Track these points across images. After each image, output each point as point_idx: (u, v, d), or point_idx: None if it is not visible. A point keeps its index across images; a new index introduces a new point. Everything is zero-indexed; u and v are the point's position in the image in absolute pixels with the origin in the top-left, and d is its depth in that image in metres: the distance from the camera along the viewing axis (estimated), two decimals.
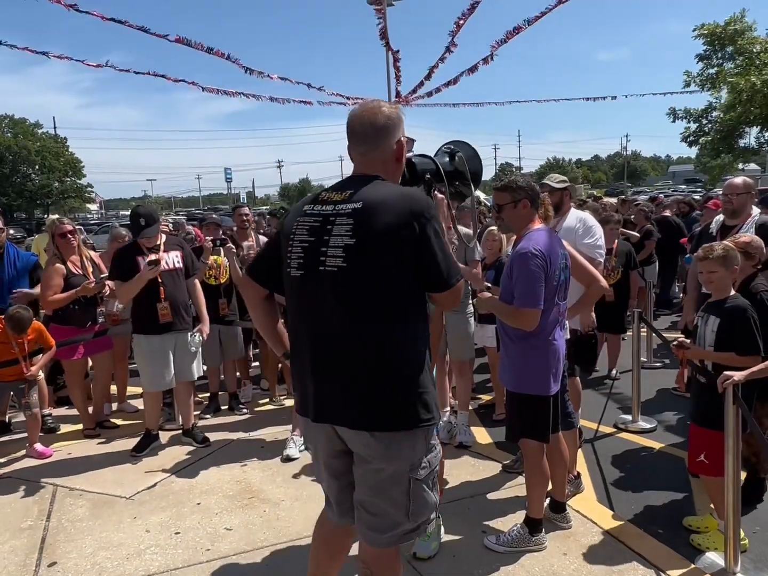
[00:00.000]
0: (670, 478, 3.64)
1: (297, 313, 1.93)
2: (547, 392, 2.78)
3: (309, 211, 1.90)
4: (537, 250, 2.66)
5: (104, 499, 3.63)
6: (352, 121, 1.93)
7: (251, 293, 2.07)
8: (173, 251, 4.35)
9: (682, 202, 10.25)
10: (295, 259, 1.87)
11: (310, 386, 1.89)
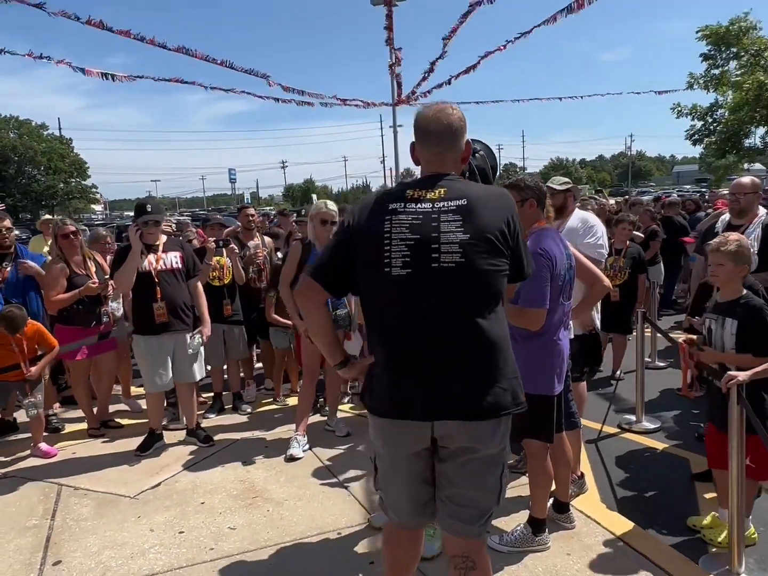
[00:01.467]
0: (674, 479, 3.64)
1: (398, 313, 1.85)
2: (551, 392, 2.78)
3: (401, 210, 1.86)
4: (543, 250, 2.66)
5: (109, 498, 3.64)
6: (426, 122, 1.95)
7: (316, 298, 1.96)
8: (173, 252, 4.34)
9: (688, 200, 10.23)
10: (399, 257, 1.81)
11: (414, 386, 1.83)
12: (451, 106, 1.97)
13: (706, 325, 3.00)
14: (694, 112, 20.83)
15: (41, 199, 44.93)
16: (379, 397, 1.93)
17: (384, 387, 1.90)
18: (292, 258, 4.27)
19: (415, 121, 2.00)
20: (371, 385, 1.96)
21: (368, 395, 1.99)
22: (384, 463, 2.03)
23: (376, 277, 1.86)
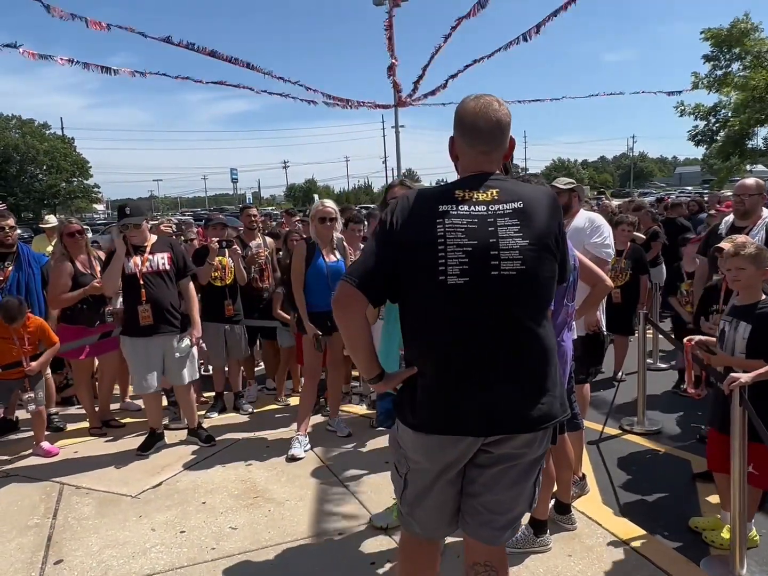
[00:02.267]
0: (676, 480, 3.63)
1: (453, 322, 1.73)
2: None
3: (454, 212, 1.74)
4: None
5: (110, 497, 3.65)
6: (473, 117, 1.80)
7: (358, 308, 1.77)
8: (160, 253, 4.30)
9: (692, 202, 10.21)
10: (456, 265, 1.70)
11: (470, 399, 1.74)
12: (497, 99, 1.84)
13: (720, 326, 2.98)
14: (697, 112, 20.84)
15: (43, 199, 45.00)
16: (427, 413, 1.79)
17: (434, 401, 1.78)
18: (298, 258, 4.28)
19: (458, 114, 1.84)
20: (413, 400, 1.81)
21: (409, 411, 1.82)
22: (421, 479, 1.89)
23: (427, 285, 1.73)
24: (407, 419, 1.84)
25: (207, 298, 5.10)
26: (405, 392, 1.87)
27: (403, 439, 1.89)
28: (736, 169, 23.35)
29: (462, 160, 1.89)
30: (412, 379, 1.83)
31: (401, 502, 2.00)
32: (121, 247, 4.13)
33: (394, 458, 1.99)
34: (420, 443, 1.83)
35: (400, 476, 1.96)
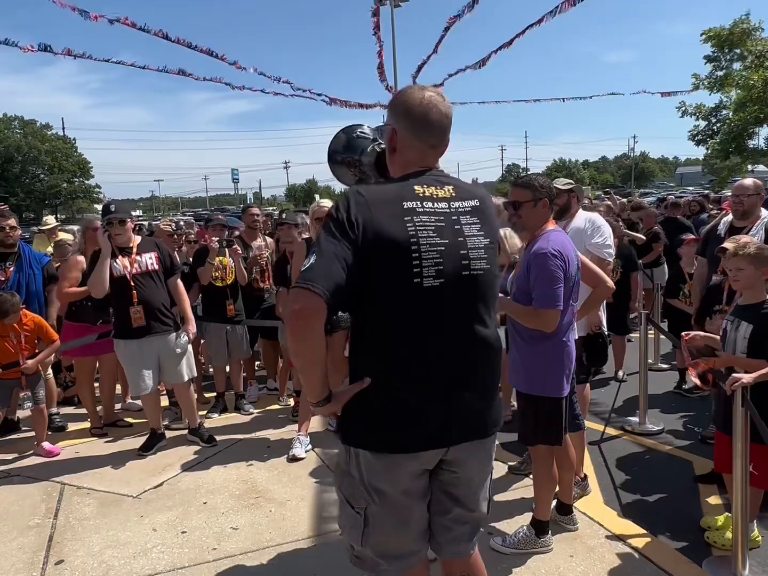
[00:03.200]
0: (678, 481, 3.62)
1: (425, 327, 1.64)
2: (560, 394, 2.76)
3: (420, 209, 1.64)
4: (556, 251, 2.64)
5: (111, 497, 3.65)
6: (423, 109, 1.69)
7: (318, 319, 1.54)
8: (147, 253, 4.28)
9: (693, 202, 10.18)
10: (431, 266, 1.61)
11: (438, 409, 1.66)
12: (438, 92, 1.75)
13: (723, 326, 2.98)
14: (699, 112, 20.83)
15: (44, 199, 45.10)
16: (391, 430, 1.65)
17: (405, 415, 1.64)
18: (298, 256, 4.27)
19: (405, 104, 1.72)
20: (370, 417, 1.66)
21: (365, 430, 1.67)
22: (387, 505, 1.71)
23: (401, 288, 1.61)
24: (369, 441, 1.67)
25: (208, 298, 5.11)
26: (360, 411, 1.67)
27: (362, 466, 1.70)
28: (737, 169, 23.33)
29: (406, 154, 1.75)
30: (365, 395, 1.66)
31: (361, 545, 1.75)
32: (107, 247, 4.09)
33: (343, 494, 1.78)
34: (382, 466, 1.67)
35: (356, 513, 1.73)
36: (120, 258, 4.17)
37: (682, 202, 9.95)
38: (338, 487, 1.82)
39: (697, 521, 3.14)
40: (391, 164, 1.82)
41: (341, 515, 1.85)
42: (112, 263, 4.12)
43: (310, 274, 1.54)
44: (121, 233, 4.17)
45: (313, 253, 1.57)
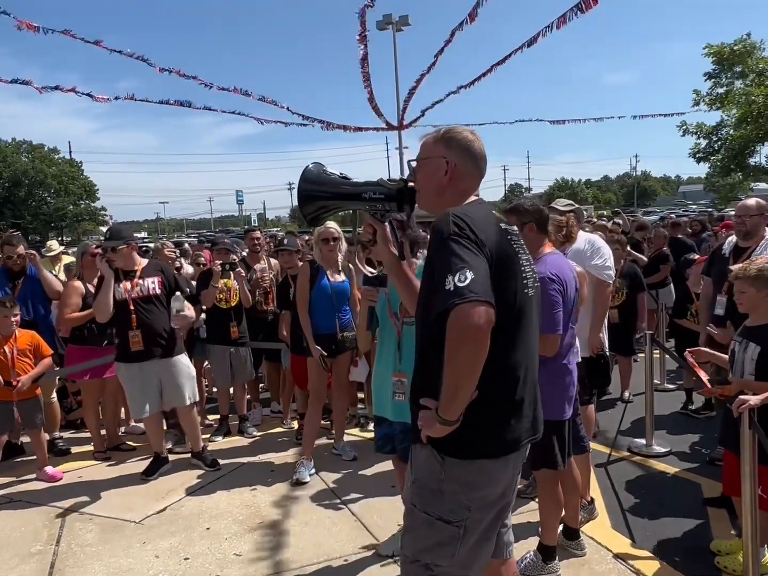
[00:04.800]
0: (686, 504, 3.57)
1: (520, 337, 1.79)
2: (562, 416, 2.75)
3: (509, 229, 1.87)
4: (554, 275, 2.65)
5: (114, 523, 3.62)
6: (480, 148, 1.93)
7: (490, 328, 1.58)
8: (150, 277, 4.29)
9: (694, 221, 10.20)
10: (530, 277, 1.86)
11: (529, 405, 1.84)
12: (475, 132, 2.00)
13: (731, 347, 2.98)
14: (699, 131, 20.94)
15: (51, 221, 45.46)
16: (510, 431, 1.77)
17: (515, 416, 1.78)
18: (302, 280, 4.28)
19: (464, 142, 1.90)
20: (492, 426, 1.75)
21: (486, 439, 1.74)
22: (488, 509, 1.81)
23: (517, 297, 1.77)
24: (490, 449, 1.75)
25: (212, 320, 5.12)
26: (477, 422, 1.71)
27: (468, 478, 1.75)
28: (739, 186, 23.38)
29: (464, 184, 1.91)
30: (483, 405, 1.71)
31: (454, 558, 1.78)
32: (108, 273, 4.12)
33: (432, 513, 1.77)
34: (499, 468, 1.79)
35: (455, 527, 1.76)
36: (122, 282, 4.20)
37: (683, 222, 9.97)
38: (422, 509, 1.79)
39: (707, 545, 3.09)
40: (440, 194, 1.91)
41: (421, 537, 1.80)
42: (114, 287, 4.14)
43: (478, 287, 1.58)
44: (116, 259, 4.20)
45: (464, 268, 1.59)
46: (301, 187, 2.07)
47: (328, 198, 2.09)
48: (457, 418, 1.65)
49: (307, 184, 2.07)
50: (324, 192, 2.07)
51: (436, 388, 1.66)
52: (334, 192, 2.07)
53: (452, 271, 1.59)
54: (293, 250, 5.19)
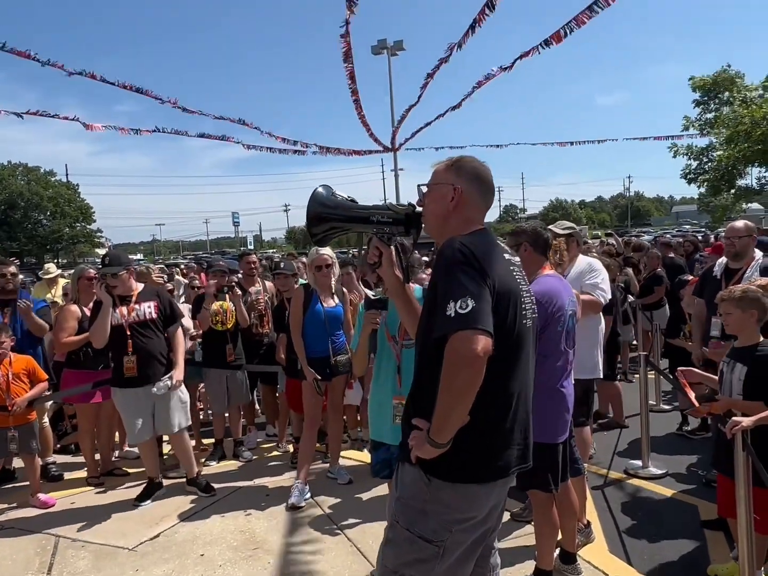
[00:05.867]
0: (683, 526, 3.56)
1: (515, 366, 1.84)
2: (555, 440, 2.76)
3: (513, 260, 1.93)
4: (539, 296, 2.68)
5: (107, 550, 3.58)
6: (489, 178, 1.99)
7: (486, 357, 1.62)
8: (147, 302, 4.29)
9: (686, 242, 10.28)
10: (529, 308, 1.90)
11: (517, 437, 1.86)
12: None
13: (720, 367, 3.01)
14: (690, 152, 21.25)
15: (46, 244, 45.47)
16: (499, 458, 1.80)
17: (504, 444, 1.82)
18: (296, 303, 4.31)
19: (473, 171, 1.96)
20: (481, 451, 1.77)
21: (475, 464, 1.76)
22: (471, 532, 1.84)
23: (515, 327, 1.80)
24: (479, 474, 1.78)
25: (208, 342, 5.12)
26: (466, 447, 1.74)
27: (452, 499, 1.78)
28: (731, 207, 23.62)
29: (470, 212, 1.94)
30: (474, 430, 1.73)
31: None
32: (106, 299, 4.12)
33: (421, 530, 1.79)
34: (485, 493, 1.82)
35: (435, 546, 1.79)
36: (119, 307, 4.20)
37: (675, 242, 10.06)
38: (406, 526, 1.82)
39: (704, 568, 3.08)
40: (445, 220, 1.95)
41: (401, 553, 1.84)
42: (111, 312, 4.15)
43: (477, 316, 1.63)
44: (117, 285, 4.21)
45: (466, 296, 1.64)
46: (311, 208, 2.11)
47: (338, 220, 2.14)
48: (448, 441, 1.69)
49: (318, 206, 2.12)
50: (335, 214, 2.12)
51: (429, 409, 1.70)
52: (345, 215, 2.13)
53: (455, 298, 1.64)
54: (289, 274, 5.22)
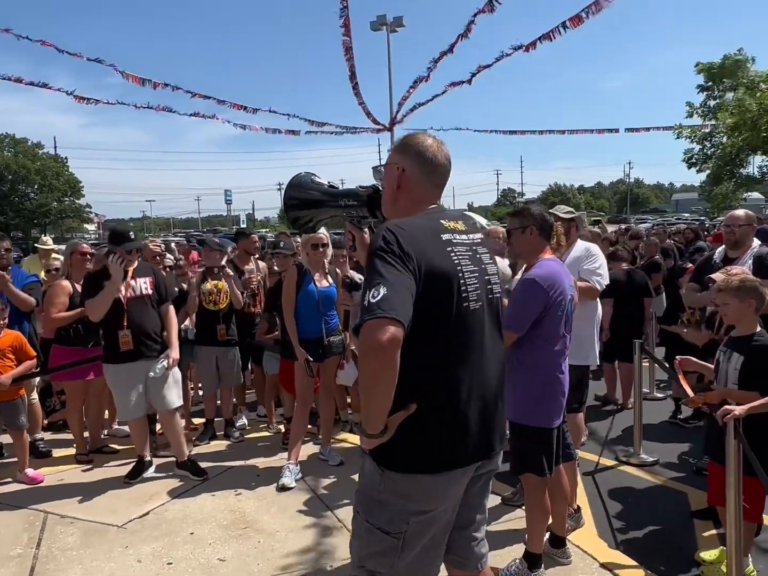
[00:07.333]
0: (672, 513, 3.64)
1: (469, 349, 1.81)
2: (550, 425, 2.80)
3: (455, 241, 1.83)
4: (541, 280, 2.72)
5: (96, 527, 3.61)
6: (433, 152, 1.89)
7: (397, 350, 1.58)
8: (142, 277, 4.31)
9: (687, 229, 10.33)
10: (473, 290, 1.81)
11: (481, 422, 1.82)
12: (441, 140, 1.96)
13: (716, 356, 3.05)
14: (693, 135, 21.20)
15: (34, 218, 45.07)
16: (450, 448, 1.76)
17: (454, 435, 1.77)
18: (289, 283, 4.31)
19: (416, 146, 1.89)
20: (428, 440, 1.74)
21: (422, 454, 1.74)
22: (430, 525, 1.80)
23: (453, 312, 1.75)
24: (428, 464, 1.74)
25: (199, 321, 5.12)
26: (413, 436, 1.73)
27: (406, 490, 1.76)
28: (731, 196, 23.71)
29: (413, 192, 1.90)
30: (418, 419, 1.72)
31: (394, 568, 1.80)
32: (119, 274, 4.09)
33: (373, 522, 1.80)
34: (439, 484, 1.76)
35: (393, 538, 1.78)
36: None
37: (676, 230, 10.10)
38: (364, 517, 1.82)
39: (691, 555, 3.15)
40: (394, 202, 1.94)
41: (363, 544, 1.85)
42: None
43: (388, 304, 1.58)
44: (134, 260, 4.23)
45: (379, 284, 1.61)
46: (286, 191, 2.15)
47: (310, 204, 2.16)
48: (381, 431, 1.68)
49: (290, 190, 2.15)
50: (307, 200, 2.15)
51: None
52: (316, 199, 2.16)
53: (369, 287, 1.63)
54: (289, 253, 5.20)
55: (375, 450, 1.75)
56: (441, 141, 1.95)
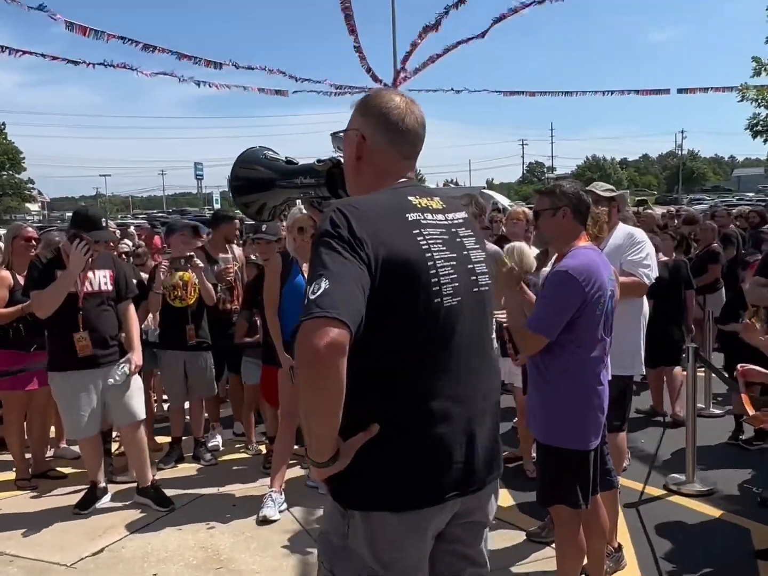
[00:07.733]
0: (732, 553, 3.64)
1: (440, 360, 1.71)
2: (586, 447, 2.79)
3: (425, 221, 1.74)
4: (576, 272, 2.70)
5: (40, 566, 3.63)
6: (399, 114, 1.80)
7: (346, 354, 1.50)
8: (102, 270, 4.28)
9: (752, 212, 10.28)
10: (449, 283, 1.71)
11: (461, 448, 1.73)
12: (412, 98, 1.88)
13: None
14: (761, 98, 20.99)
15: None
16: (419, 480, 1.67)
17: (428, 461, 1.69)
18: (272, 275, 4.30)
19: (379, 107, 1.82)
20: (390, 470, 1.66)
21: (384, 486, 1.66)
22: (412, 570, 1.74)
23: (421, 310, 1.67)
24: (391, 499, 1.66)
25: (164, 320, 5.14)
26: (373, 465, 1.66)
27: (372, 534, 1.68)
28: None
29: (377, 164, 1.84)
30: (377, 444, 1.64)
31: None
32: (79, 265, 4.06)
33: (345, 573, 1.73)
34: (410, 526, 1.69)
35: None
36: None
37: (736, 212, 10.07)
38: (329, 568, 1.76)
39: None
40: (356, 175, 1.89)
41: None
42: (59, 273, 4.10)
43: (329, 300, 1.50)
44: (99, 250, 4.21)
45: (321, 276, 1.53)
46: (231, 172, 2.09)
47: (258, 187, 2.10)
48: (328, 459, 1.60)
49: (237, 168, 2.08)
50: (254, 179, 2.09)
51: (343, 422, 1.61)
52: (264, 178, 2.08)
53: (310, 280, 1.56)
54: (272, 239, 5.16)
55: (331, 483, 1.70)
56: (411, 100, 1.87)
